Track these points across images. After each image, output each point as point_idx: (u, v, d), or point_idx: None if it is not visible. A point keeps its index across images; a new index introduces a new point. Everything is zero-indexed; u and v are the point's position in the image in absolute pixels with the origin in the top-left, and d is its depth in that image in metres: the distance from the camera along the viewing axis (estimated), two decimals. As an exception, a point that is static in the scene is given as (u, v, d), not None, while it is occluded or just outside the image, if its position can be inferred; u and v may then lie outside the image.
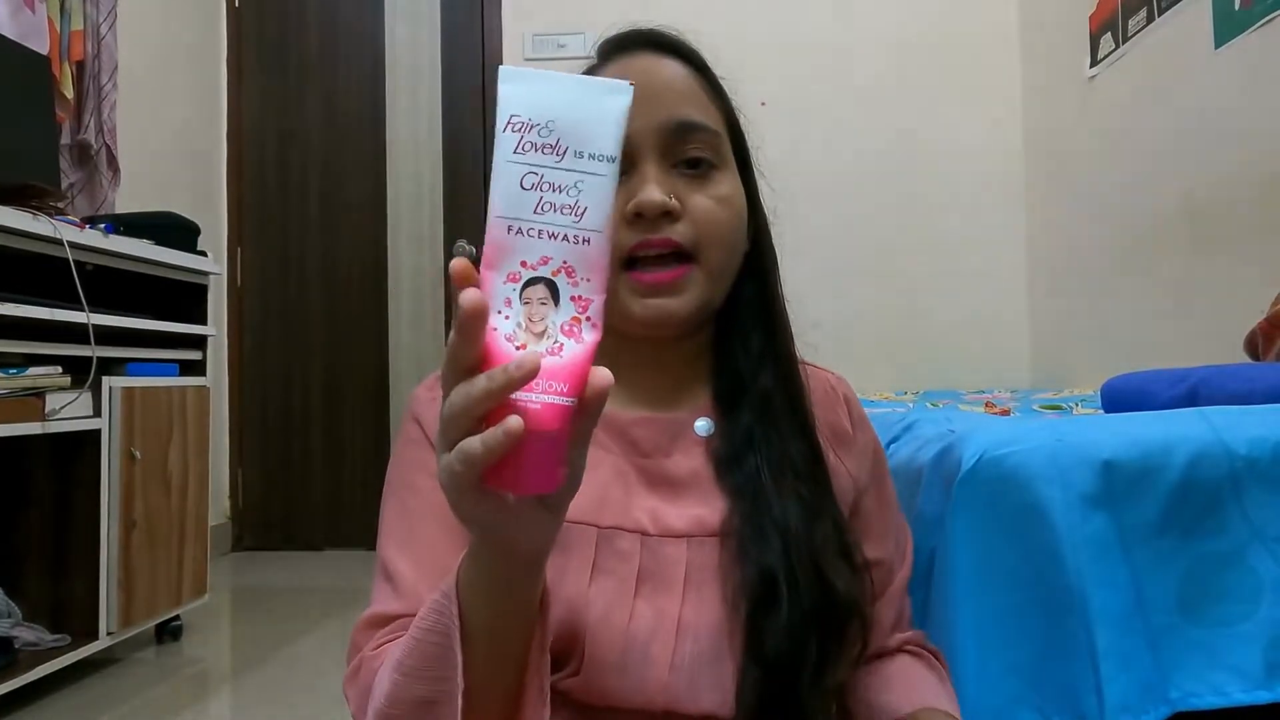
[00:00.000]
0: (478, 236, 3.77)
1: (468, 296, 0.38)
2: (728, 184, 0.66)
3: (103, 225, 2.03)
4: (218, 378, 3.37)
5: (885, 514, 0.75)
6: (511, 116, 0.41)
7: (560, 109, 0.41)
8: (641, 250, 0.63)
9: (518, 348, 0.40)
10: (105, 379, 2.02)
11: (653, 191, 0.62)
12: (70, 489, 2.04)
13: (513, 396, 0.38)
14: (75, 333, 1.91)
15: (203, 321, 2.41)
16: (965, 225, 3.37)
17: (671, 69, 0.67)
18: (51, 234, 1.81)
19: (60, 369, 1.89)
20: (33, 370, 1.84)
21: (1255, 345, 1.55)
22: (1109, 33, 2.76)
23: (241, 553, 3.50)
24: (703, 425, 0.68)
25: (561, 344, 0.41)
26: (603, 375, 0.40)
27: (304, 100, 3.60)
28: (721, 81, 0.70)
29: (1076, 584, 0.83)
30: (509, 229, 0.41)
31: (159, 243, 2.21)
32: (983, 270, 3.36)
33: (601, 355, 0.67)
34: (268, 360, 3.57)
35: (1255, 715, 0.85)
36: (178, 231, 2.36)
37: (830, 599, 0.60)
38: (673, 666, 0.59)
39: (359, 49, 3.60)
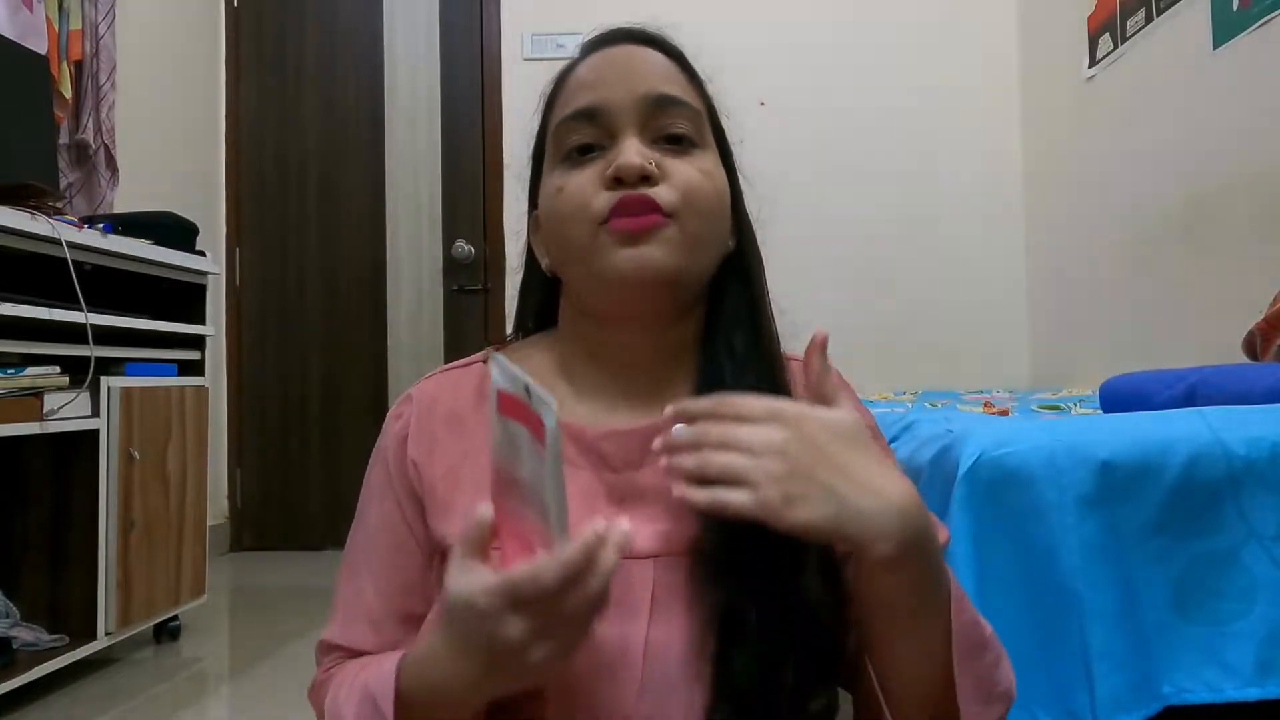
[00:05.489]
0: (476, 236, 3.76)
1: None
2: (709, 161, 0.66)
3: (101, 225, 2.03)
4: (216, 378, 3.36)
5: None
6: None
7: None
8: (619, 210, 0.61)
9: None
10: (104, 379, 2.02)
11: (631, 154, 0.61)
12: (68, 489, 2.04)
13: None
14: (73, 332, 1.91)
15: (201, 321, 2.41)
16: (964, 225, 3.38)
17: (651, 55, 0.67)
18: (50, 234, 1.81)
19: (58, 369, 1.89)
20: (31, 370, 1.84)
21: (1253, 345, 1.55)
22: (1107, 33, 2.76)
23: (240, 553, 3.50)
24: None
25: None
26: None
27: (303, 100, 3.59)
28: (705, 80, 0.70)
29: (1071, 585, 0.84)
30: None
31: (157, 242, 2.21)
32: (981, 270, 3.36)
33: (582, 352, 0.68)
34: (266, 360, 3.57)
35: (1248, 713, 0.85)
36: (176, 231, 2.36)
37: (808, 625, 0.57)
38: (642, 690, 0.58)
39: (358, 49, 3.59)
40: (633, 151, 0.61)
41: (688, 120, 0.65)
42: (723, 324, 0.67)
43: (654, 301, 0.64)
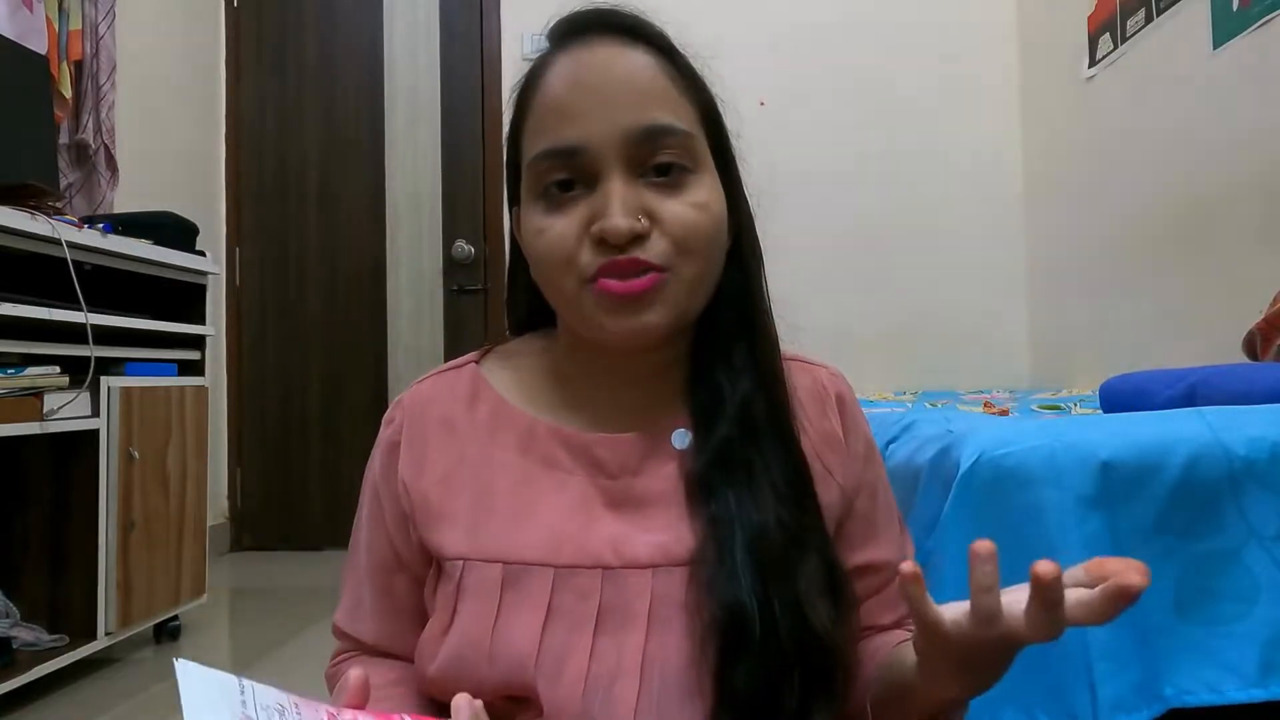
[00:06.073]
0: (476, 236, 3.75)
1: None
2: (704, 188, 0.60)
3: (101, 225, 2.03)
4: (216, 378, 3.36)
5: (880, 514, 0.68)
6: None
7: None
8: (608, 272, 0.57)
9: None
10: (103, 379, 2.01)
11: (617, 218, 0.56)
12: (68, 489, 2.04)
13: None
14: (73, 332, 1.91)
15: (201, 321, 2.41)
16: (964, 225, 3.37)
17: (635, 60, 0.60)
18: (50, 234, 1.81)
19: (58, 369, 1.89)
20: (31, 370, 1.84)
21: (1253, 345, 1.55)
22: (1107, 33, 2.76)
23: (240, 553, 3.50)
24: (679, 437, 0.63)
25: None
26: None
27: (303, 100, 3.59)
28: (695, 65, 0.63)
29: (1072, 585, 0.83)
30: None
31: (157, 242, 2.20)
32: (981, 270, 3.36)
33: (574, 362, 0.67)
34: (266, 360, 3.57)
35: (1249, 715, 0.85)
36: (176, 231, 2.36)
37: (810, 640, 0.56)
38: (639, 706, 0.56)
39: (358, 49, 3.59)
40: (618, 212, 0.56)
41: (679, 147, 0.59)
42: (719, 327, 0.64)
43: (647, 347, 0.63)
